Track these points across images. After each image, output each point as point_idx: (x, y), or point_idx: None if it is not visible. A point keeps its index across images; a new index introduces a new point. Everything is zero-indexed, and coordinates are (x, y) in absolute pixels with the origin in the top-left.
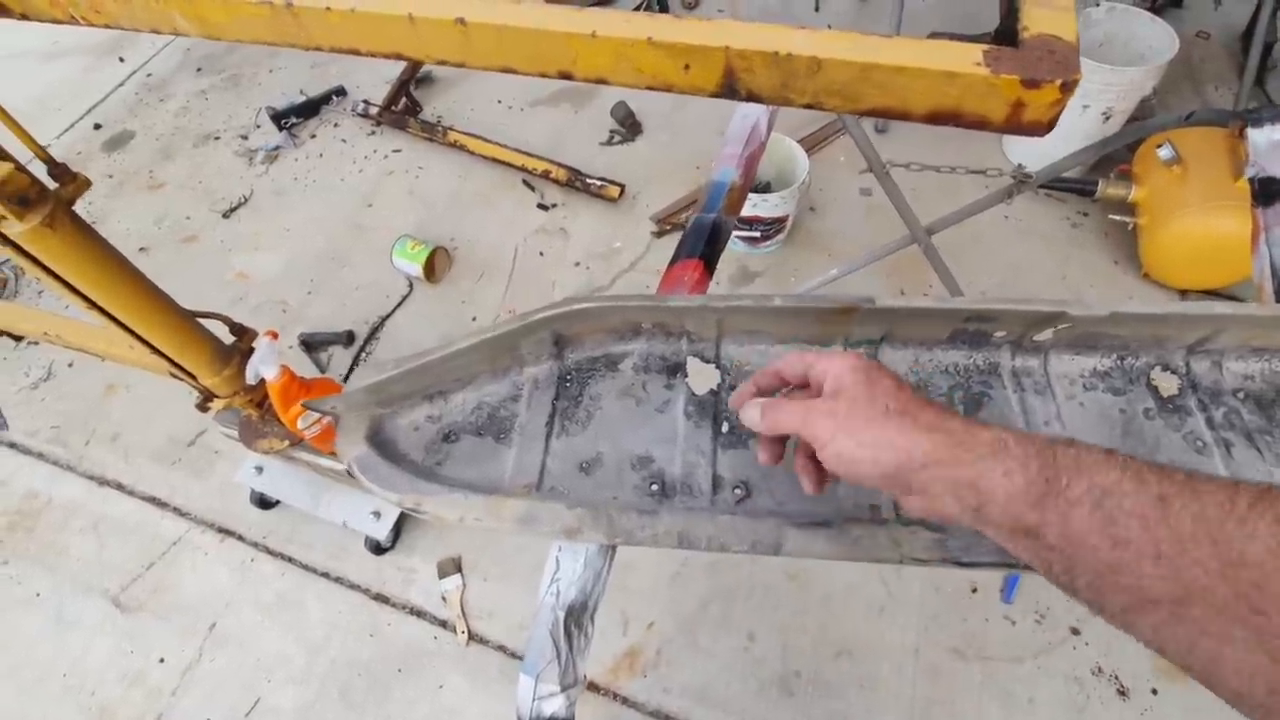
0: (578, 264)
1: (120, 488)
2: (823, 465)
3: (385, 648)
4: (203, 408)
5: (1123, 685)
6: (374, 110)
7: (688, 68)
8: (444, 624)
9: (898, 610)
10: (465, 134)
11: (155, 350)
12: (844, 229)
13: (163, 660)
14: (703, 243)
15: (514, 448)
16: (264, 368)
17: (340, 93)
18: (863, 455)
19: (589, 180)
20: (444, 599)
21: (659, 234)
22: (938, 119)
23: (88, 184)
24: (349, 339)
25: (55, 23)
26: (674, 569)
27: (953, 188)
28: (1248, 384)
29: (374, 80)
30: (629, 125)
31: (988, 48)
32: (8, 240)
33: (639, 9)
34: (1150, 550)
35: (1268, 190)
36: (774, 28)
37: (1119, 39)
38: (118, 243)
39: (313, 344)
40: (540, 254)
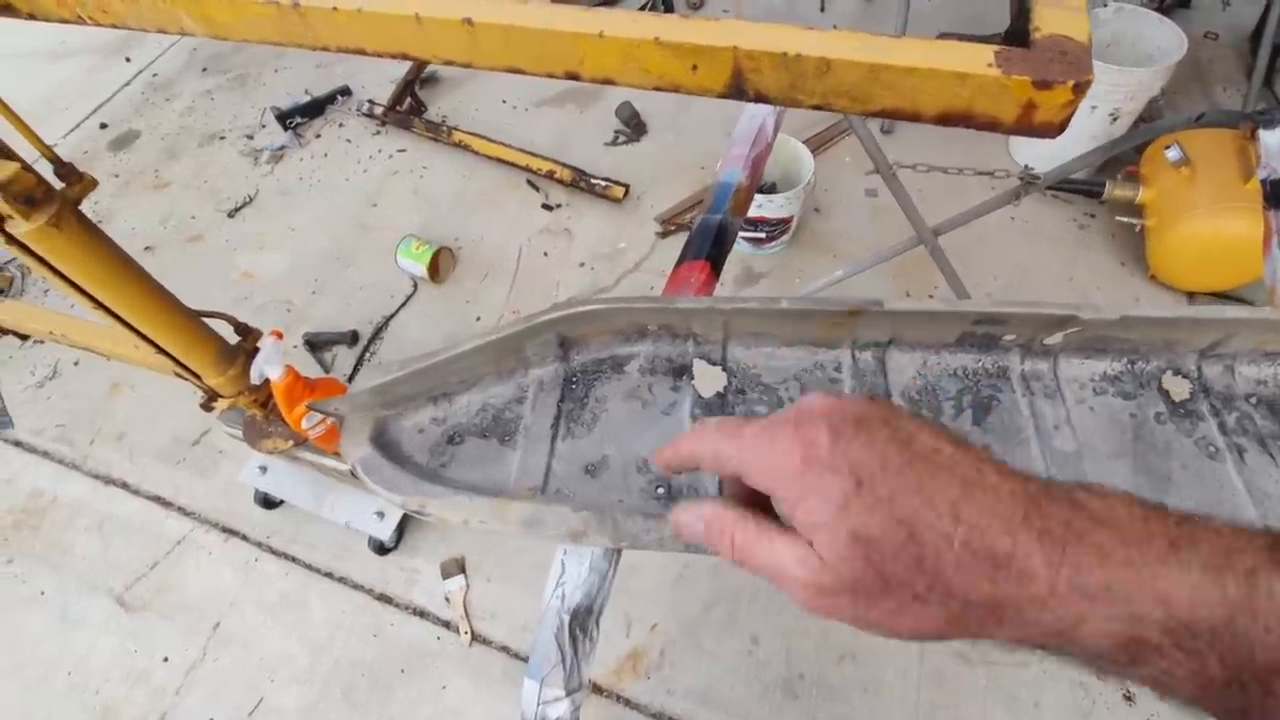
0: (582, 264)
1: (125, 487)
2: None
3: (388, 648)
4: (207, 407)
5: (1129, 691)
6: (379, 110)
7: (696, 68)
8: (447, 625)
9: None
10: (470, 134)
11: (160, 350)
12: (849, 230)
13: (167, 659)
14: (709, 244)
15: (519, 450)
16: (269, 368)
17: (345, 92)
18: (901, 637)
19: (594, 180)
20: (447, 600)
21: (664, 234)
22: (948, 120)
23: (94, 184)
24: (353, 339)
25: (62, 22)
26: (677, 571)
27: (959, 189)
28: (1260, 389)
29: (379, 80)
30: (634, 125)
31: (999, 48)
32: (14, 240)
33: (645, 9)
34: None
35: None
36: (783, 28)
37: (1127, 39)
38: (123, 242)
39: (317, 344)
40: (545, 254)
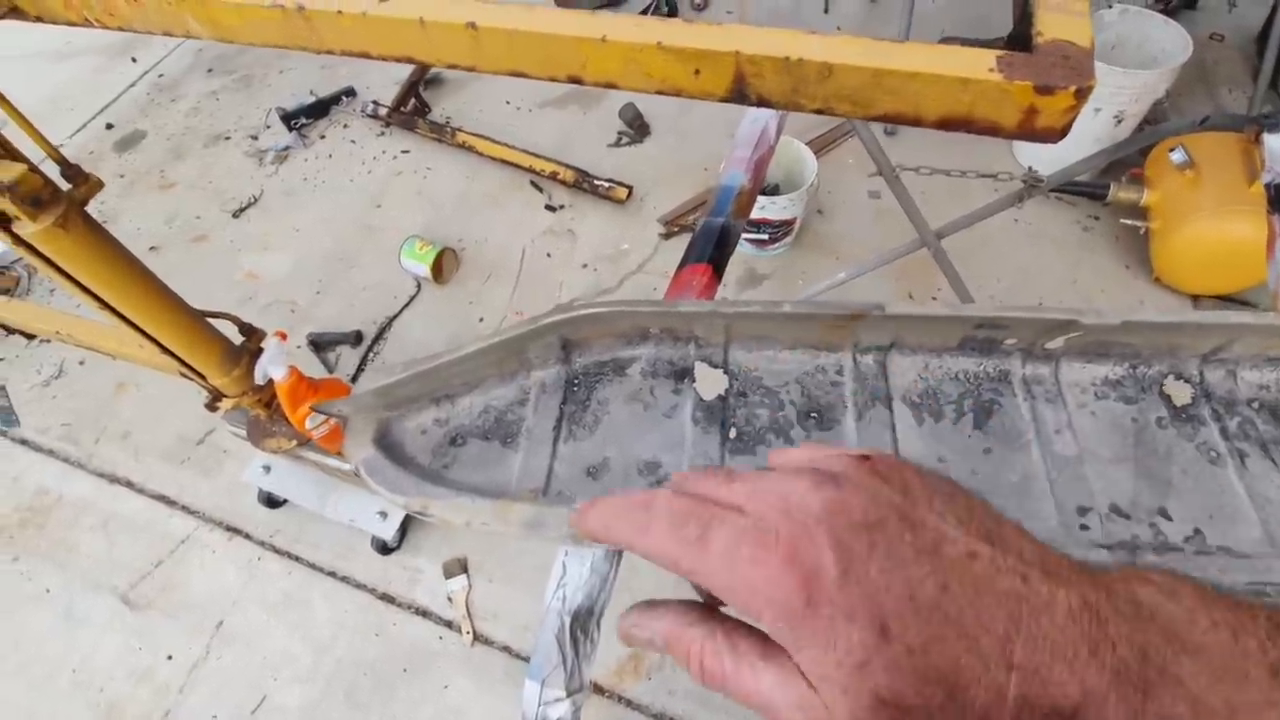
0: (585, 266)
1: (130, 485)
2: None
3: (391, 647)
4: (212, 407)
5: None
6: (383, 111)
7: (698, 73)
8: (449, 624)
9: None
10: (474, 135)
11: (165, 350)
12: (852, 232)
13: (170, 657)
14: (711, 246)
15: (521, 452)
16: (273, 368)
17: (350, 93)
18: None
19: (597, 182)
20: (449, 599)
21: (667, 236)
22: (949, 125)
23: (100, 185)
24: (357, 339)
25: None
26: None
27: (962, 191)
28: (1263, 394)
29: (383, 81)
30: (637, 127)
31: (1001, 53)
32: (21, 240)
33: (647, 11)
34: None
35: None
36: (784, 32)
37: (1131, 41)
38: (129, 242)
39: (321, 344)
40: (548, 255)
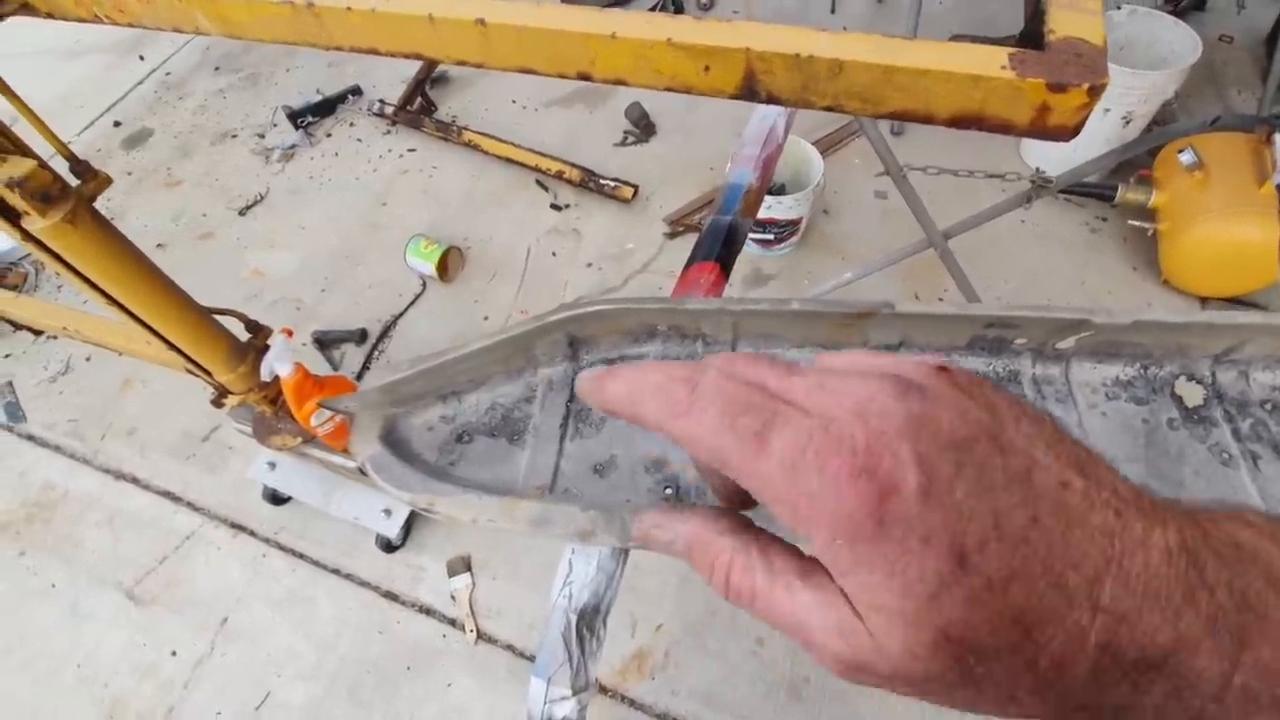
0: (590, 265)
1: (135, 482)
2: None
3: (394, 645)
4: (217, 404)
5: None
6: (389, 109)
7: (708, 69)
8: (453, 622)
9: None
10: (480, 134)
11: (172, 346)
12: (859, 232)
13: (175, 653)
14: (719, 245)
15: (527, 449)
16: (278, 365)
17: (356, 92)
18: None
19: (602, 181)
20: (453, 597)
21: (672, 235)
22: (961, 123)
23: (108, 181)
24: (362, 337)
25: (80, 21)
26: (684, 571)
27: (970, 191)
28: (1275, 395)
29: (390, 79)
30: (643, 126)
31: (1014, 50)
32: (30, 236)
33: (655, 9)
34: None
35: None
36: (795, 29)
37: (1140, 42)
38: (136, 239)
39: (326, 341)
40: (553, 254)
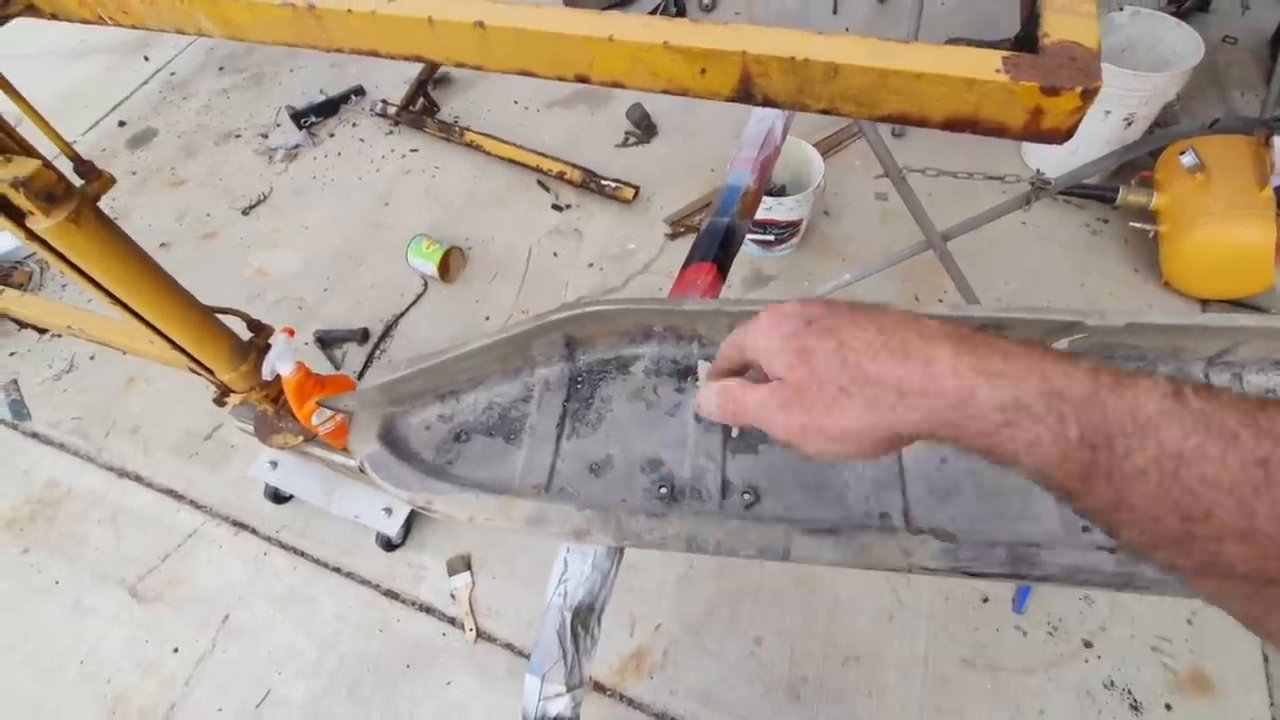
0: (591, 265)
1: (138, 479)
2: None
3: (394, 644)
4: (220, 402)
5: (1136, 700)
6: (392, 110)
7: (704, 72)
8: (453, 621)
9: (907, 618)
10: (482, 134)
11: (175, 345)
12: (859, 233)
13: (177, 650)
14: (716, 246)
15: (524, 448)
16: (280, 364)
17: (359, 92)
18: (843, 449)
19: (604, 181)
20: (453, 596)
21: (673, 236)
22: (955, 126)
23: (112, 181)
24: (363, 336)
25: (84, 23)
26: (681, 571)
27: (970, 193)
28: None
29: (393, 80)
30: (644, 127)
31: (1008, 54)
32: (34, 235)
33: (656, 12)
34: (1239, 528)
35: None
36: (790, 32)
37: (1143, 44)
38: (139, 238)
39: (328, 341)
40: (554, 255)
